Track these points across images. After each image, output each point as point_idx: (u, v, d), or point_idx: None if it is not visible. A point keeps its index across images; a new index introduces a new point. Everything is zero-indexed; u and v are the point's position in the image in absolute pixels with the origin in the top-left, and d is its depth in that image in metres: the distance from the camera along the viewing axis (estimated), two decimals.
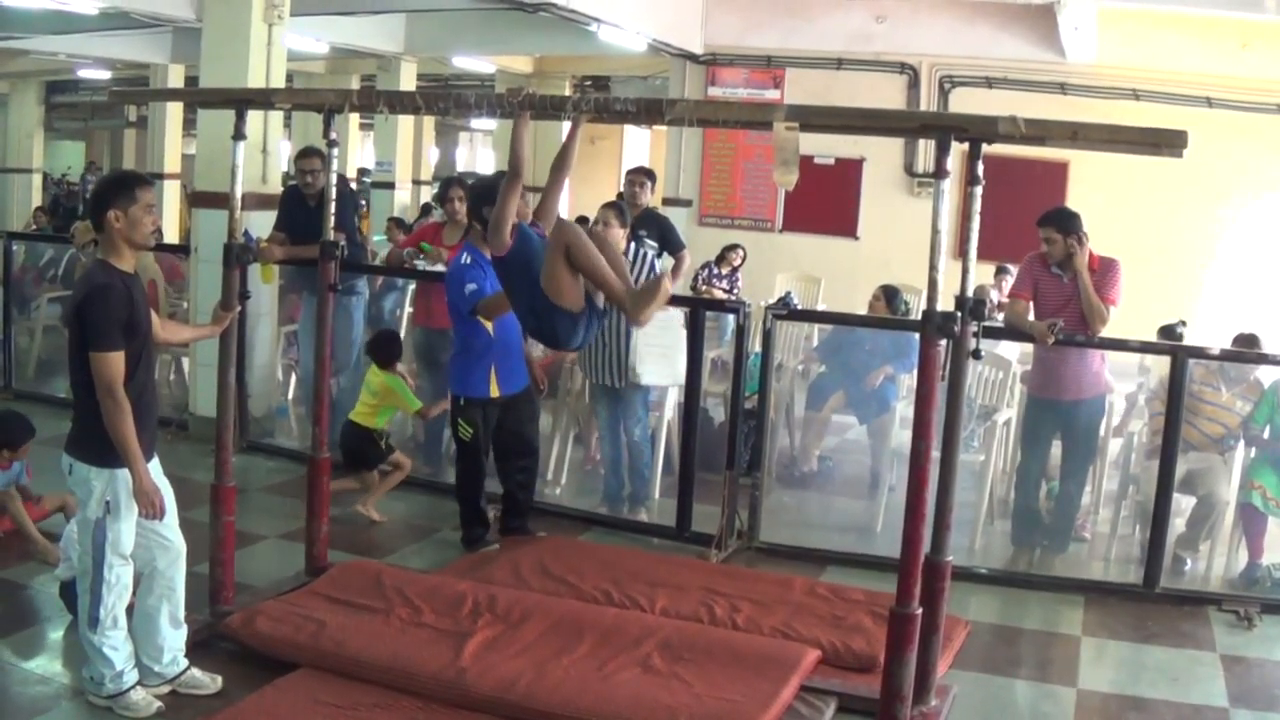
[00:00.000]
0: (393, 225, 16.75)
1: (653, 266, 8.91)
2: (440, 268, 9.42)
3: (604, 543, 8.37)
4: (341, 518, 8.59)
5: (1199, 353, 8.42)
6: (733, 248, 14.54)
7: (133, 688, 5.78)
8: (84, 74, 25.61)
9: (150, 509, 5.57)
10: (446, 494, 9.27)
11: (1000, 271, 13.68)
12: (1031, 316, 8.23)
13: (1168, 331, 9.83)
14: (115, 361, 5.47)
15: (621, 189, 11.03)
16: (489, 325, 7.92)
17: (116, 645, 5.74)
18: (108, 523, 5.62)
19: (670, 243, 11.01)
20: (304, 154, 9.97)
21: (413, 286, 10.62)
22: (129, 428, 5.46)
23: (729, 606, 7.17)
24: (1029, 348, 8.78)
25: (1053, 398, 8.55)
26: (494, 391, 8.02)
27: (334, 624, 6.53)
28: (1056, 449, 8.74)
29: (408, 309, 11.16)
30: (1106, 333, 8.15)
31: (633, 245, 8.91)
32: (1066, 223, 8.24)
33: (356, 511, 8.91)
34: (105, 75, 25.29)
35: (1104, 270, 8.17)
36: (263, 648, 6.28)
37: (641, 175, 10.98)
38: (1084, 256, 8.11)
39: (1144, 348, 8.95)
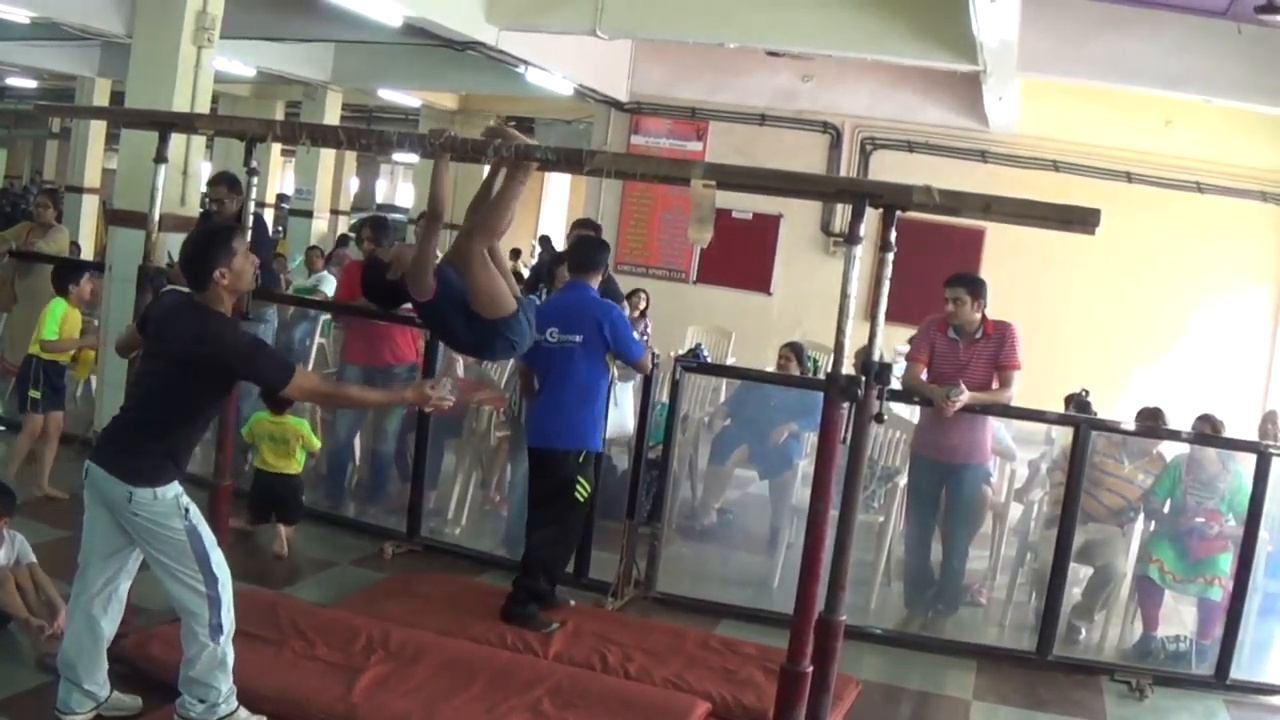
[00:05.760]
0: (315, 255, 16.56)
1: None
2: None
3: (502, 585, 8.32)
4: (243, 548, 8.52)
5: (1102, 425, 8.54)
6: (635, 293, 14.41)
7: (240, 703, 5.72)
8: (10, 82, 25.44)
9: None
10: (345, 527, 9.26)
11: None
12: (924, 377, 8.35)
13: (1079, 402, 9.93)
14: (303, 375, 5.64)
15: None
16: (614, 370, 7.91)
17: (230, 652, 5.65)
18: (197, 526, 5.49)
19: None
20: (213, 181, 9.95)
21: (325, 318, 10.48)
22: (349, 392, 6.45)
23: (622, 655, 7.17)
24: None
25: (934, 458, 8.65)
26: (602, 442, 7.95)
27: None
28: None
29: (318, 340, 11.04)
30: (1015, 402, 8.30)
31: None
32: (978, 286, 8.34)
33: (275, 553, 8.78)
34: (31, 84, 25.21)
35: (1000, 336, 8.31)
36: (157, 672, 6.18)
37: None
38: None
39: (1057, 419, 9.06)
